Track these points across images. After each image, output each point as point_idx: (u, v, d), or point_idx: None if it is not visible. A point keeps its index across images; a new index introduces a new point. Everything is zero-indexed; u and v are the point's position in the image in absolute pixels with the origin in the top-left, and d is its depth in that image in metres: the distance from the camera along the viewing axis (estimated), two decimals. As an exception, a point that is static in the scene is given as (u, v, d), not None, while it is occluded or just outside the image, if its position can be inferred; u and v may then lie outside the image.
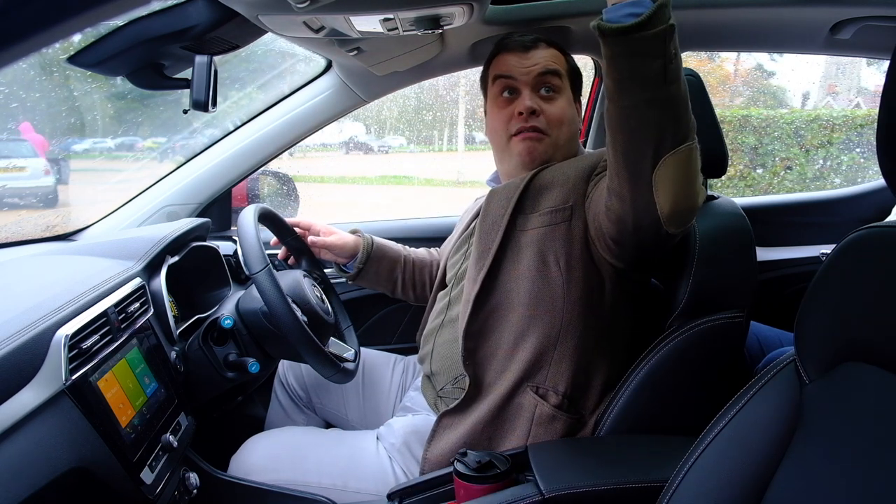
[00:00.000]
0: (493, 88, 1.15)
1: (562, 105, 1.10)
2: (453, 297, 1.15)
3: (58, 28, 0.34)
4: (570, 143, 1.13)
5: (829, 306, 0.62)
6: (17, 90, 1.41)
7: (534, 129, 1.09)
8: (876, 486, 0.52)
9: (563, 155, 1.12)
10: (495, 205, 1.07)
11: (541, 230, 1.02)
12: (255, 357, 1.11)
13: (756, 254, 1.06)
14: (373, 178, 6.00)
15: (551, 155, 1.10)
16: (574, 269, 1.01)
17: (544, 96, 1.10)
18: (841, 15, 1.27)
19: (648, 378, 0.99)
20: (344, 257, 1.32)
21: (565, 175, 1.04)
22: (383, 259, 1.34)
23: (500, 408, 1.01)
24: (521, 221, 1.04)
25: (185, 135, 1.76)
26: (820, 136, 4.16)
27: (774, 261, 1.76)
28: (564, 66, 1.13)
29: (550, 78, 1.09)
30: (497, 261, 1.04)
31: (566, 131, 1.11)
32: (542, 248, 1.01)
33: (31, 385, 0.71)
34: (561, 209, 1.01)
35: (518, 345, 1.02)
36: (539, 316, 1.01)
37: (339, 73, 1.47)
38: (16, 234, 1.48)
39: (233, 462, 1.12)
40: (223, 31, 0.93)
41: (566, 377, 1.01)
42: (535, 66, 1.09)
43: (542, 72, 1.09)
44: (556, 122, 1.09)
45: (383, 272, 1.34)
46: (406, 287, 1.38)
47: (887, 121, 0.58)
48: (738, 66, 4.74)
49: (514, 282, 1.03)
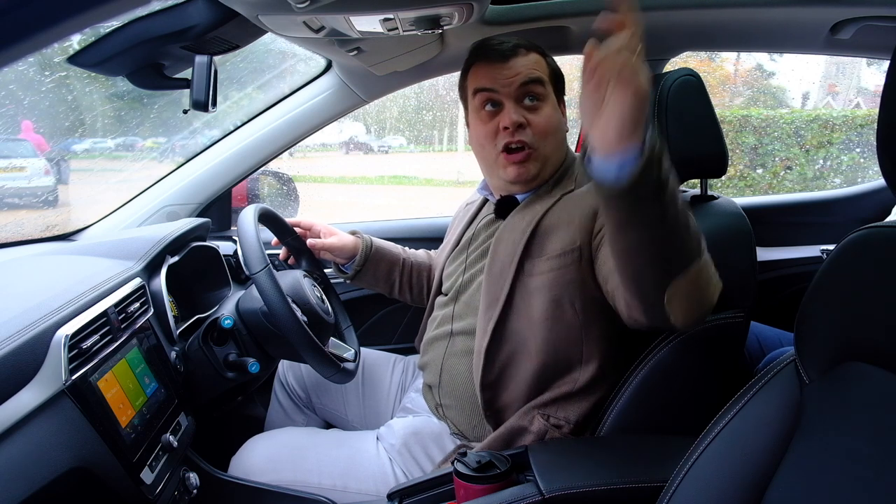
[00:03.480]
0: (473, 101, 1.09)
1: (547, 113, 1.06)
2: (458, 313, 1.14)
3: (58, 28, 0.34)
4: (557, 151, 1.10)
5: (830, 306, 0.62)
6: (17, 90, 1.41)
7: (520, 144, 1.05)
8: (876, 486, 0.52)
9: (554, 166, 1.09)
10: (502, 251, 1.04)
11: (550, 274, 0.99)
12: (255, 357, 1.11)
13: (756, 254, 1.06)
14: (373, 178, 5.99)
15: (540, 170, 1.07)
16: (590, 310, 0.99)
17: (528, 106, 1.05)
18: (841, 15, 1.27)
19: (648, 378, 0.99)
20: (343, 258, 1.32)
21: (570, 215, 1.00)
22: (381, 261, 1.33)
23: (508, 430, 1.02)
24: (529, 267, 1.01)
25: (185, 135, 1.76)
26: (820, 136, 4.16)
27: (774, 261, 1.76)
28: (546, 70, 1.08)
29: (534, 87, 1.05)
30: (507, 309, 1.02)
31: (553, 141, 1.07)
32: (555, 293, 0.99)
33: (31, 385, 0.71)
34: (569, 251, 0.98)
35: (539, 391, 1.02)
36: (560, 361, 1.00)
37: (339, 73, 1.47)
38: (16, 234, 1.48)
39: (233, 463, 1.12)
40: (223, 31, 0.93)
41: (581, 410, 1.01)
42: (517, 76, 1.04)
43: (525, 81, 1.04)
44: (543, 133, 1.05)
45: (381, 274, 1.34)
46: (403, 289, 1.37)
47: (887, 120, 0.58)
48: (738, 66, 4.74)
49: (529, 329, 1.01)
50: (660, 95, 1.09)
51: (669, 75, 1.11)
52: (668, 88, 1.09)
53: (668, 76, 1.10)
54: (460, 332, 1.11)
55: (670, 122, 1.09)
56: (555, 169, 1.11)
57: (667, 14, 1.28)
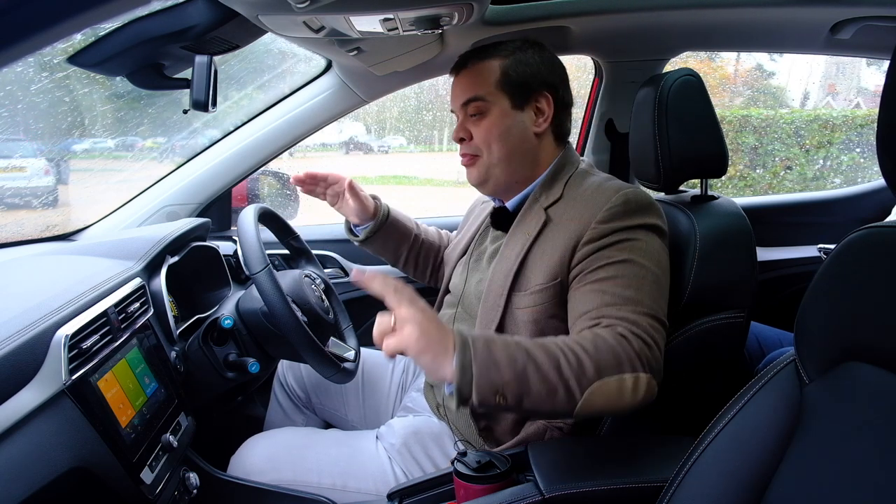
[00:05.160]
0: None
1: (489, 124, 1.05)
2: (459, 317, 1.14)
3: (58, 28, 0.34)
4: (513, 156, 1.06)
5: (830, 306, 0.62)
6: (16, 90, 1.41)
7: (464, 154, 1.09)
8: (876, 486, 0.52)
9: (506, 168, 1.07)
10: (494, 283, 1.05)
11: (535, 309, 0.99)
12: (255, 357, 1.11)
13: (756, 254, 1.06)
14: (373, 178, 5.98)
15: (487, 173, 1.08)
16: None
17: (473, 120, 1.08)
18: (841, 15, 1.27)
19: (648, 378, 0.99)
20: (359, 219, 1.31)
21: (554, 246, 1.00)
22: (393, 233, 1.34)
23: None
24: (517, 300, 1.02)
25: (185, 135, 1.76)
26: (820, 136, 4.16)
27: (774, 261, 1.76)
28: (493, 80, 1.05)
29: (473, 105, 1.06)
30: None
31: (502, 148, 1.06)
32: (541, 326, 0.99)
33: (31, 385, 0.72)
34: (549, 286, 0.98)
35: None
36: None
37: (339, 73, 1.47)
38: (16, 234, 1.48)
39: (232, 462, 1.12)
40: (223, 31, 0.93)
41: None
42: (458, 96, 1.09)
43: (464, 102, 1.07)
44: (485, 143, 1.06)
45: (390, 246, 1.36)
46: (408, 264, 1.39)
47: (887, 120, 0.58)
48: (738, 66, 4.74)
49: None
50: (660, 95, 1.09)
51: (669, 75, 1.11)
52: (668, 88, 1.09)
53: (668, 76, 1.10)
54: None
55: (670, 122, 1.09)
56: (514, 173, 1.08)
57: (666, 14, 1.28)
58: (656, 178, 1.14)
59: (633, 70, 1.57)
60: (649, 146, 1.12)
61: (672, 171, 1.11)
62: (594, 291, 0.92)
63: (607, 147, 1.69)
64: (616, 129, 1.66)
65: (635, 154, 1.21)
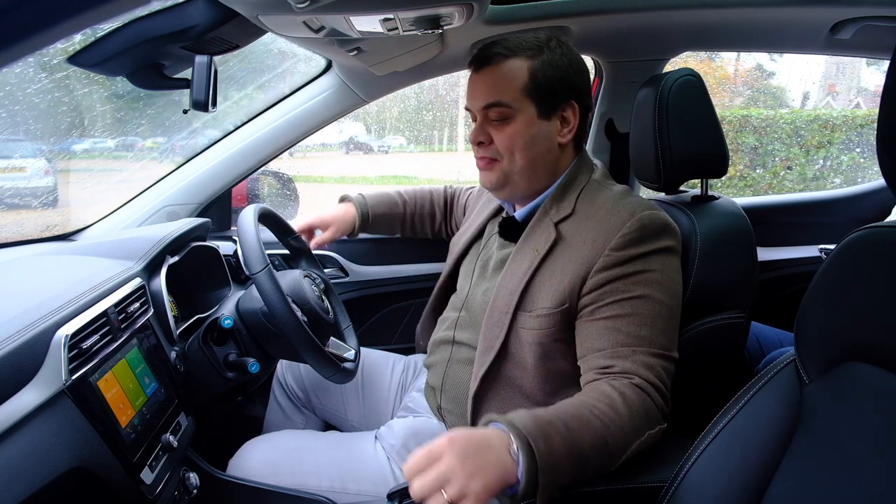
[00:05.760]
0: None
1: (513, 132, 1.00)
2: (461, 323, 1.14)
3: (58, 28, 0.34)
4: (534, 166, 1.03)
5: (830, 306, 0.62)
6: (16, 90, 1.41)
7: (483, 157, 1.05)
8: (876, 486, 0.52)
9: (528, 178, 1.04)
10: (500, 300, 1.03)
11: (541, 332, 0.98)
12: (255, 357, 1.11)
13: (756, 254, 1.06)
14: (373, 178, 5.98)
15: (506, 180, 1.04)
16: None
17: (495, 124, 1.02)
18: (841, 15, 1.27)
19: (648, 378, 0.99)
20: (345, 234, 1.42)
21: (564, 269, 0.97)
22: (381, 224, 1.47)
23: None
24: (523, 319, 1.00)
25: (184, 135, 1.76)
26: (820, 136, 4.16)
27: (774, 261, 1.76)
28: (520, 85, 0.99)
29: (496, 111, 1.00)
30: (501, 356, 1.02)
31: (524, 157, 1.01)
32: (546, 349, 0.99)
33: (31, 385, 0.71)
34: (557, 311, 0.96)
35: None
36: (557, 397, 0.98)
37: (339, 73, 1.47)
38: (16, 234, 1.48)
39: (230, 466, 1.12)
40: (223, 31, 0.93)
41: None
42: (479, 97, 1.02)
43: (485, 106, 1.01)
44: (507, 151, 1.02)
45: (382, 231, 1.50)
46: (405, 233, 1.51)
47: (887, 120, 0.58)
48: (738, 66, 4.74)
49: (524, 377, 1.01)
50: (660, 95, 1.09)
51: (670, 75, 1.11)
52: (668, 88, 1.09)
53: (669, 76, 1.10)
54: (462, 342, 1.12)
55: (671, 122, 1.09)
56: (535, 182, 1.05)
57: (667, 14, 1.28)
58: (656, 178, 1.14)
59: (633, 70, 1.57)
60: (650, 146, 1.12)
61: (672, 171, 1.11)
62: (608, 329, 0.91)
63: (607, 147, 1.69)
64: (616, 129, 1.66)
65: (636, 154, 1.21)
